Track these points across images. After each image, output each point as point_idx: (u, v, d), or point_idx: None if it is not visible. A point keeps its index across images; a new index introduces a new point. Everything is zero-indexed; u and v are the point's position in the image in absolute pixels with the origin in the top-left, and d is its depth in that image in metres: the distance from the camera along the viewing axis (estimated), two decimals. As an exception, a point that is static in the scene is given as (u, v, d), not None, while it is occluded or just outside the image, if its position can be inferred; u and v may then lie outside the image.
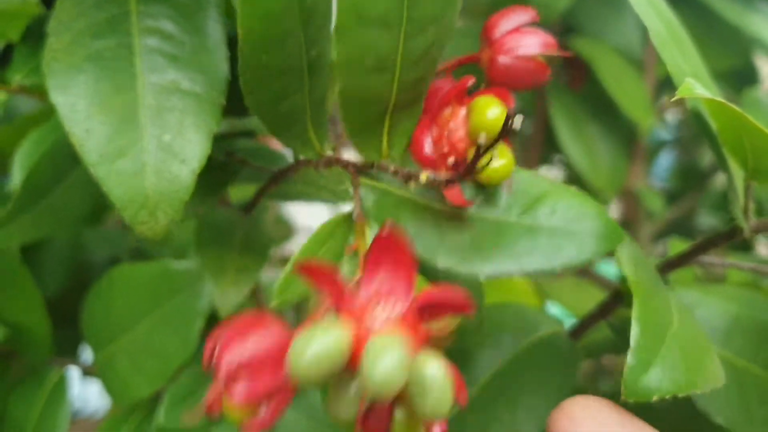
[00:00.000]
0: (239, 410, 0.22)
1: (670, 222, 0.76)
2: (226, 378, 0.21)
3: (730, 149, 0.28)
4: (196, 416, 0.25)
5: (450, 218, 0.28)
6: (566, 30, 0.65)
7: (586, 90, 0.64)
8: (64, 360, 0.44)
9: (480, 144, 0.22)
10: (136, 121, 0.27)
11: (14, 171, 0.36)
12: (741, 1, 0.60)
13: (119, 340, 0.40)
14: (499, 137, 0.22)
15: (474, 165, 0.23)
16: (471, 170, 0.23)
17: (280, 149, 0.45)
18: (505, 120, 0.22)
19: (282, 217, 0.80)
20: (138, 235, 0.27)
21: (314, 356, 0.19)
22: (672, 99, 0.25)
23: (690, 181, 0.84)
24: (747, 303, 0.37)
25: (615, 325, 0.35)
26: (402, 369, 0.19)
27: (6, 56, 0.37)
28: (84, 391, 0.84)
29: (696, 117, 0.29)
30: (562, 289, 0.55)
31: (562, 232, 0.27)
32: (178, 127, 0.27)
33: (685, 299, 0.36)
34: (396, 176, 0.28)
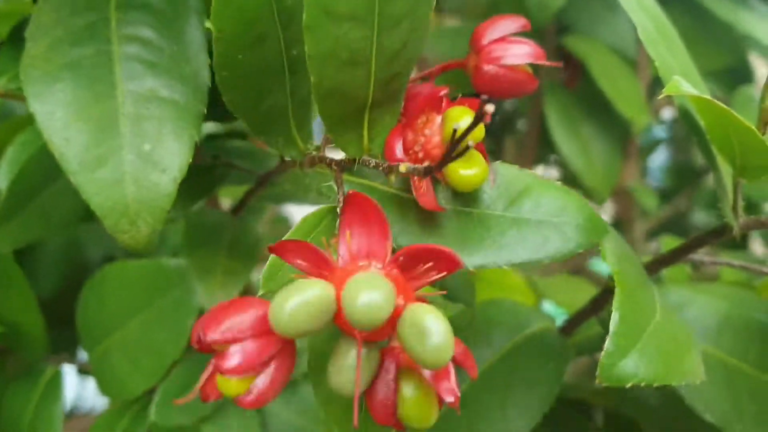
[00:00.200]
0: (233, 384, 0.21)
1: (665, 220, 0.76)
2: (215, 350, 0.21)
3: (718, 147, 0.28)
4: (190, 400, 0.24)
5: (434, 213, 0.28)
6: (561, 29, 0.65)
7: (581, 89, 0.64)
8: (59, 358, 0.44)
9: (456, 128, 0.21)
10: (116, 130, 0.27)
11: (0, 176, 0.36)
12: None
13: (113, 337, 0.40)
14: (474, 125, 0.21)
15: (451, 153, 0.22)
16: (447, 160, 0.23)
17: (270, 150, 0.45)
18: (470, 126, 0.21)
19: (280, 216, 0.80)
20: (120, 243, 0.27)
21: (295, 306, 0.19)
22: (659, 96, 0.25)
23: (684, 180, 0.84)
24: (738, 301, 0.37)
25: (605, 321, 0.35)
26: (383, 299, 0.19)
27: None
28: (81, 389, 0.84)
29: (684, 115, 0.29)
30: (557, 287, 0.55)
31: (548, 225, 0.27)
32: (158, 136, 0.27)
33: (677, 297, 0.36)
34: (377, 169, 0.28)
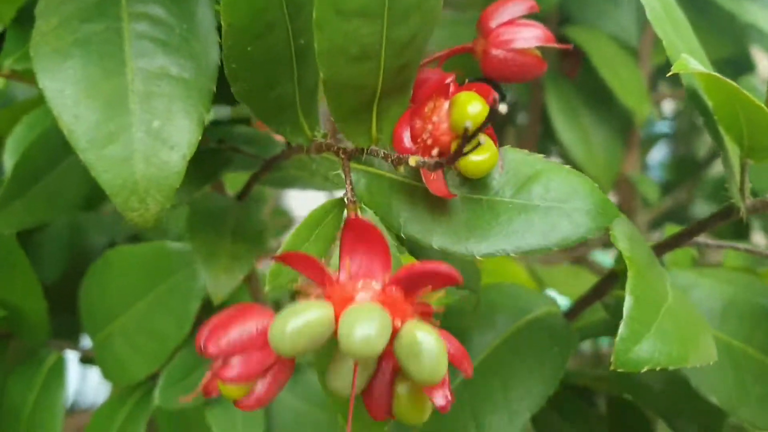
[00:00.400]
0: (234, 389, 0.22)
1: (666, 211, 0.76)
2: (216, 359, 0.22)
3: (726, 126, 0.28)
4: (192, 398, 0.25)
5: (443, 200, 0.28)
6: (562, 19, 0.65)
7: (582, 79, 0.64)
8: (62, 343, 0.44)
9: (467, 128, 0.22)
10: (125, 107, 0.27)
11: (6, 157, 0.35)
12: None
13: (116, 321, 0.40)
14: (487, 121, 0.22)
15: (462, 149, 0.23)
16: (458, 155, 0.23)
17: (274, 136, 0.45)
18: (491, 108, 0.21)
19: (280, 208, 0.80)
20: (129, 221, 0.27)
21: (294, 329, 0.19)
22: (668, 74, 0.25)
23: (685, 172, 0.84)
24: (743, 286, 0.37)
25: (610, 306, 0.35)
26: (378, 333, 0.19)
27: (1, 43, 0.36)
28: (82, 385, 0.84)
29: (692, 95, 0.29)
30: (559, 276, 0.55)
31: (556, 210, 0.27)
32: (167, 113, 0.27)
33: (682, 280, 0.36)
34: (386, 161, 0.27)
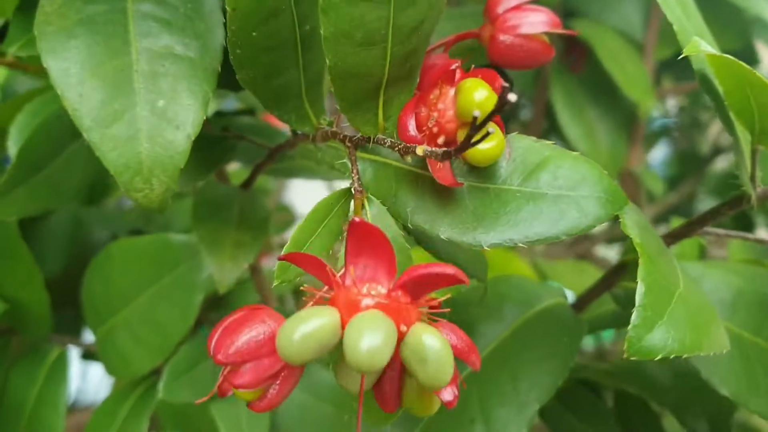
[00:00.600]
0: (246, 393, 0.22)
1: (671, 206, 0.76)
2: (227, 366, 0.22)
3: (737, 112, 0.28)
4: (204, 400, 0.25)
5: (450, 189, 0.27)
6: (567, 13, 0.64)
7: (587, 73, 0.64)
8: (64, 338, 0.43)
9: (476, 116, 0.21)
10: (130, 87, 0.27)
11: (10, 143, 0.35)
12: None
13: (119, 315, 0.40)
14: (496, 110, 0.21)
15: (470, 139, 0.22)
16: (467, 144, 0.23)
17: (280, 127, 0.44)
18: (500, 97, 0.21)
19: (282, 204, 0.80)
20: (134, 202, 0.26)
21: (301, 337, 0.19)
22: (680, 57, 0.24)
23: (689, 168, 0.84)
24: (751, 277, 0.37)
25: (619, 297, 0.35)
26: (382, 345, 0.19)
27: (3, 33, 0.36)
28: (83, 383, 0.83)
29: (702, 80, 0.29)
30: (563, 271, 0.54)
31: (565, 198, 0.26)
32: (172, 93, 0.27)
33: (691, 272, 0.36)
34: (393, 150, 0.27)
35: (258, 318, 0.22)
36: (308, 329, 0.20)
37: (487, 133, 0.21)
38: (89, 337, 0.45)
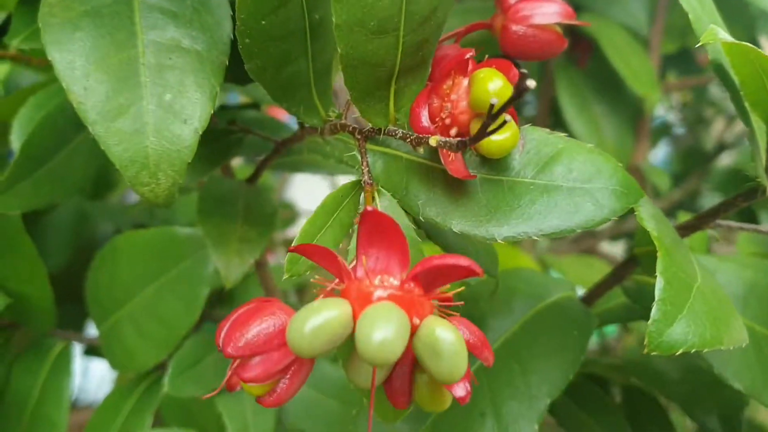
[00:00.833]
0: (255, 387, 0.22)
1: (675, 203, 0.76)
2: (236, 359, 0.22)
3: (752, 102, 0.27)
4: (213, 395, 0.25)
5: (462, 181, 0.27)
6: (572, 8, 0.64)
7: (592, 68, 0.63)
8: (67, 333, 0.43)
9: (493, 104, 0.21)
10: (136, 80, 0.26)
11: (13, 138, 0.35)
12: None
13: (124, 308, 0.39)
14: (514, 97, 0.21)
15: (486, 128, 0.22)
16: (482, 134, 0.22)
17: (286, 121, 0.44)
18: (517, 84, 0.21)
19: (285, 201, 0.80)
20: (140, 197, 0.26)
21: (312, 330, 0.19)
22: (696, 45, 0.24)
23: (693, 164, 0.83)
24: (763, 270, 0.37)
25: (630, 290, 0.34)
26: (395, 337, 0.19)
27: (6, 27, 0.35)
28: (84, 381, 0.83)
29: (717, 69, 0.28)
30: (570, 265, 0.54)
31: (580, 191, 0.26)
32: (180, 86, 0.26)
33: (703, 264, 0.36)
34: (405, 141, 0.27)
35: (268, 310, 0.22)
36: (319, 321, 0.19)
37: (504, 122, 0.21)
38: (92, 334, 0.45)
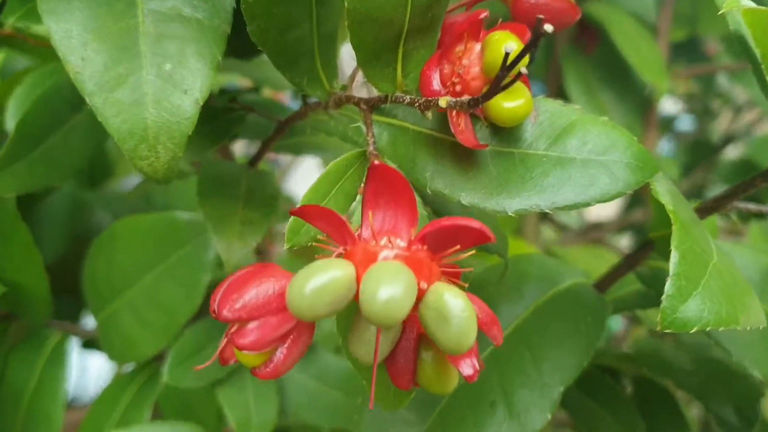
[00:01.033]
0: (251, 356, 0.20)
1: (684, 193, 0.75)
2: (231, 324, 0.20)
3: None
4: (206, 367, 0.23)
5: (472, 152, 0.26)
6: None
7: (600, 56, 0.62)
8: (64, 325, 0.42)
9: (508, 52, 0.20)
10: (136, 49, 0.25)
11: (7, 117, 0.34)
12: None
13: (123, 296, 0.38)
14: (531, 44, 0.20)
15: (500, 81, 0.21)
16: (496, 89, 0.21)
17: (287, 104, 0.43)
18: (533, 30, 0.20)
19: (285, 195, 0.79)
20: (139, 171, 0.25)
21: (314, 290, 0.18)
22: (719, 12, 0.23)
23: (700, 156, 0.83)
24: (778, 256, 0.36)
25: (645, 276, 0.33)
26: (403, 294, 0.17)
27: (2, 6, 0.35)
28: (81, 378, 0.82)
29: (739, 41, 0.27)
30: (579, 256, 0.53)
31: (594, 163, 0.25)
32: (180, 56, 0.25)
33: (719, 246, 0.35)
34: (413, 106, 0.26)
35: (267, 273, 0.20)
36: (322, 281, 0.18)
37: (519, 75, 0.19)
38: (89, 326, 0.44)
